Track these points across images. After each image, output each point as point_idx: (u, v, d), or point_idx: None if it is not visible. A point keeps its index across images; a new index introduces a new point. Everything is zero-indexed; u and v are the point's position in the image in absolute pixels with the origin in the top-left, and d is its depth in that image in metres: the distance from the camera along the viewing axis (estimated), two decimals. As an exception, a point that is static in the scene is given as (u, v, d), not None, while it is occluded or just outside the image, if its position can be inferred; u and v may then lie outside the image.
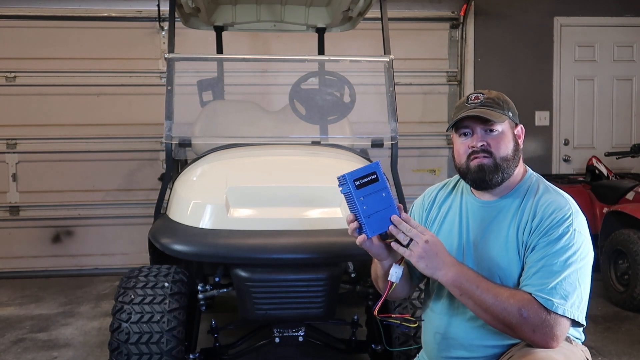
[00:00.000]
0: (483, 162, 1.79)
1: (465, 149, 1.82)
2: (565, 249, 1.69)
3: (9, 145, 5.57)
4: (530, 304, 1.64)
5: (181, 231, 2.59)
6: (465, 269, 1.72)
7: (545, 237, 1.72)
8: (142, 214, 5.24)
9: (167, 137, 3.20)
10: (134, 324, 2.45)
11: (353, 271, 2.75)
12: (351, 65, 4.16)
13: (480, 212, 1.86)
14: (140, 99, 5.62)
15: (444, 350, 1.86)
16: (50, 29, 5.56)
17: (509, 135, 1.82)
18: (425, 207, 2.02)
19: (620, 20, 6.15)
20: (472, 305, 1.70)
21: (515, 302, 1.64)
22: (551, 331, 1.63)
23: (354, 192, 1.66)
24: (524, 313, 1.63)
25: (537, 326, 1.63)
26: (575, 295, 1.66)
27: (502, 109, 1.81)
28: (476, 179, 1.81)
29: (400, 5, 5.81)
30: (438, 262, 1.68)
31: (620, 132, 6.26)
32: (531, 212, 1.77)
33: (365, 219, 1.67)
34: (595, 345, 3.51)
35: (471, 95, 1.85)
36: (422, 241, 1.66)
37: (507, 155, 1.80)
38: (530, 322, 1.63)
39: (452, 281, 1.69)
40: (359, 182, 1.67)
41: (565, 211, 1.74)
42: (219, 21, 4.17)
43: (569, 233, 1.70)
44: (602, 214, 4.75)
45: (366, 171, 1.68)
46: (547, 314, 1.63)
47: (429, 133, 6.01)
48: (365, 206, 1.66)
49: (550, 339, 1.64)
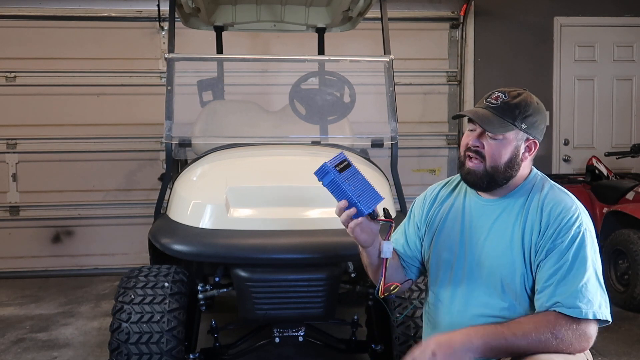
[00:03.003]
0: (471, 166, 1.78)
1: (466, 143, 1.81)
2: (581, 251, 1.68)
3: (9, 145, 5.57)
4: (558, 323, 1.62)
5: (181, 231, 2.59)
6: (481, 329, 1.66)
7: (557, 241, 1.70)
8: (142, 214, 5.24)
9: (167, 137, 3.20)
10: (134, 324, 2.45)
11: (353, 271, 2.75)
12: (351, 65, 4.16)
13: (483, 210, 1.85)
14: (140, 99, 5.62)
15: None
16: (50, 29, 5.56)
17: (511, 146, 1.76)
18: (426, 204, 2.01)
19: (620, 20, 6.15)
20: (509, 355, 1.64)
21: (544, 328, 1.62)
22: (585, 337, 1.64)
23: (338, 177, 1.71)
24: (558, 334, 1.61)
25: (574, 339, 1.62)
26: (599, 295, 1.66)
27: (513, 118, 1.74)
28: (465, 180, 1.83)
29: (400, 5, 5.80)
30: (458, 351, 1.60)
31: (620, 132, 6.26)
32: (538, 212, 1.75)
33: (357, 198, 1.71)
34: (595, 345, 3.52)
35: (494, 92, 1.79)
36: (427, 356, 1.60)
37: (498, 166, 1.75)
38: (567, 339, 1.62)
39: (479, 353, 1.61)
40: (338, 167, 1.73)
41: (573, 211, 1.73)
42: (219, 21, 4.17)
43: (580, 234, 1.69)
44: (602, 214, 4.75)
45: (338, 159, 1.75)
46: (578, 323, 1.62)
47: (429, 133, 6.01)
48: (352, 187, 1.72)
49: (587, 343, 1.65)
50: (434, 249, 1.93)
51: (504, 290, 1.76)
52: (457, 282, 1.85)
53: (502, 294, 1.76)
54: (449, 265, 1.88)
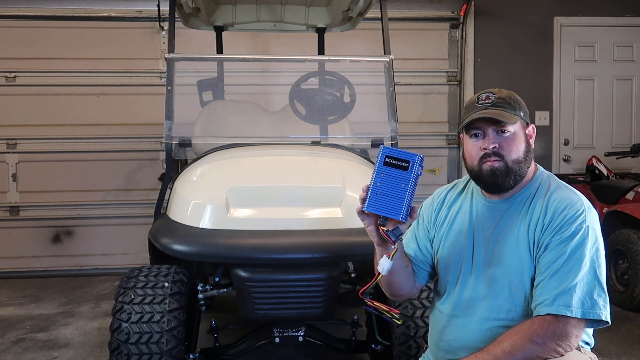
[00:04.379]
0: (495, 165, 1.75)
1: (477, 151, 1.78)
2: (580, 248, 1.66)
3: (9, 145, 5.57)
4: (533, 329, 1.61)
5: (181, 231, 2.59)
6: None
7: (558, 235, 1.68)
8: (142, 214, 5.24)
9: (167, 137, 3.20)
10: (134, 324, 2.45)
11: (353, 271, 2.75)
12: (351, 65, 4.16)
13: (490, 212, 1.84)
14: (140, 99, 5.62)
15: (449, 352, 1.84)
16: (50, 29, 5.56)
17: (521, 136, 1.78)
18: (434, 208, 2.00)
19: (620, 20, 6.15)
20: None
21: (523, 341, 1.60)
22: (568, 337, 1.61)
23: (379, 165, 1.64)
24: (538, 340, 1.59)
25: (556, 340, 1.60)
26: (595, 294, 1.63)
27: (513, 109, 1.77)
28: (489, 182, 1.78)
29: (400, 5, 5.80)
30: None
31: (620, 132, 6.26)
32: (542, 209, 1.74)
33: (372, 194, 1.64)
34: (595, 345, 3.53)
35: (482, 94, 1.80)
36: None
37: (519, 158, 1.76)
38: (549, 342, 1.60)
39: None
40: (389, 160, 1.64)
41: (577, 207, 1.71)
42: (219, 21, 4.17)
43: (582, 230, 1.67)
44: (602, 214, 4.74)
45: (404, 156, 1.65)
46: (559, 322, 1.60)
47: (429, 133, 6.02)
48: (380, 183, 1.64)
49: (575, 342, 1.63)
50: (442, 252, 1.91)
51: (511, 292, 1.75)
52: (464, 285, 1.84)
53: (509, 296, 1.75)
54: (457, 269, 1.86)
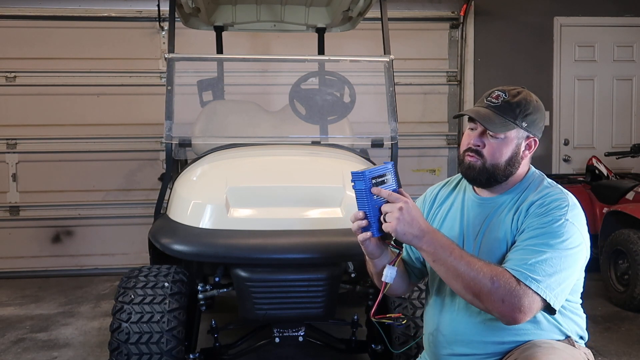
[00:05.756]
0: (471, 161, 1.79)
1: (467, 142, 1.82)
2: (554, 234, 1.66)
3: (9, 145, 5.57)
4: (502, 274, 1.62)
5: (181, 231, 2.59)
6: (440, 235, 1.69)
7: (535, 219, 1.70)
8: (142, 214, 5.25)
9: (167, 137, 3.20)
10: (134, 324, 2.45)
11: (353, 271, 2.75)
12: (351, 65, 4.16)
13: (480, 208, 1.86)
14: (140, 99, 5.62)
15: (444, 346, 1.85)
16: (50, 29, 5.56)
17: (512, 144, 1.77)
18: (426, 205, 2.02)
19: (620, 20, 6.15)
20: (444, 272, 1.67)
21: (488, 271, 1.62)
22: (519, 302, 1.60)
23: (369, 190, 1.65)
24: (495, 283, 1.60)
25: (506, 296, 1.60)
26: (553, 279, 1.63)
27: (514, 117, 1.76)
28: (464, 174, 1.83)
29: (400, 5, 5.81)
30: (413, 229, 1.63)
31: (620, 132, 6.26)
32: (529, 205, 1.75)
33: (373, 218, 1.66)
34: (595, 345, 3.51)
35: (494, 92, 1.81)
36: (396, 208, 1.63)
37: (499, 163, 1.77)
38: (500, 291, 1.60)
39: (426, 247, 1.65)
40: (375, 181, 1.66)
41: (561, 202, 1.73)
42: (219, 21, 4.17)
43: (560, 221, 1.68)
44: (602, 214, 4.75)
45: (381, 171, 1.68)
46: (518, 285, 1.61)
47: (429, 133, 6.02)
48: (377, 205, 1.66)
49: (518, 311, 1.61)
50: None
51: None
52: None
53: None
54: None
